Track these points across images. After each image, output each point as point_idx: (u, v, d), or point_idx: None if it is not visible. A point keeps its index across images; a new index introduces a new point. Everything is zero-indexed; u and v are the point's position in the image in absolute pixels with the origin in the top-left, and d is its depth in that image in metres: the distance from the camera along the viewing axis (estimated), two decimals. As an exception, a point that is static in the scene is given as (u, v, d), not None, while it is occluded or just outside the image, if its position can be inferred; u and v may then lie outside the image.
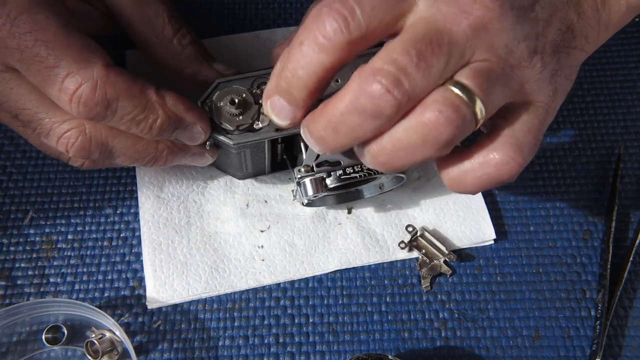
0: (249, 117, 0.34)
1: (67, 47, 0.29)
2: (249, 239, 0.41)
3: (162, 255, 0.40)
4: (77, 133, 0.31)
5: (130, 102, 0.30)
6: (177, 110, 0.32)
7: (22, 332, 0.38)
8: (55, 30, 0.29)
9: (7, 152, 0.44)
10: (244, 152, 0.36)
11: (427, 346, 0.39)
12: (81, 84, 0.29)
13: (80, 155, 0.32)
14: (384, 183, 0.40)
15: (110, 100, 0.30)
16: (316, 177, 0.35)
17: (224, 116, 0.34)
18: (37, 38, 0.29)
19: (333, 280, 0.41)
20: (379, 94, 0.25)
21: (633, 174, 0.45)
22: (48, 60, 0.29)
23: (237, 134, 0.34)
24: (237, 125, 0.33)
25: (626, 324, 0.40)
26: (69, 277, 0.40)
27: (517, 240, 0.42)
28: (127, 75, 0.31)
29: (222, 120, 0.33)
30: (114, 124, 0.31)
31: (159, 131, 0.32)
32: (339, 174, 0.35)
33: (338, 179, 0.35)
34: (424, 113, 0.25)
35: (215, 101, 0.34)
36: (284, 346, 0.38)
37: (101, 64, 0.30)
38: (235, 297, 0.40)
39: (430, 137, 0.25)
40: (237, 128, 0.33)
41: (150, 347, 0.38)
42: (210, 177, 0.43)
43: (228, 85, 0.34)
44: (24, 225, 0.42)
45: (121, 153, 0.34)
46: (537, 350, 0.39)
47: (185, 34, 0.38)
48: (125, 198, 0.43)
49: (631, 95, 0.48)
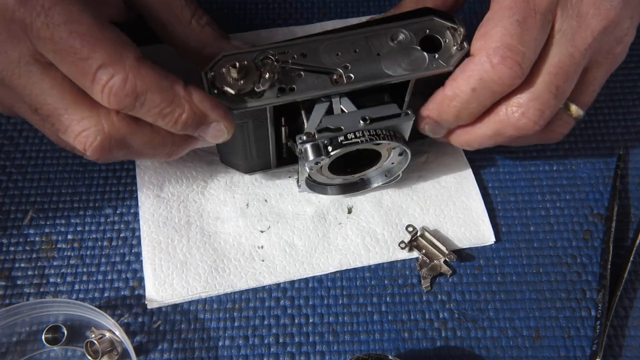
0: (251, 81, 0.34)
1: (101, 40, 0.30)
2: (249, 239, 0.41)
3: (162, 254, 0.40)
4: (96, 132, 0.32)
5: (158, 95, 0.31)
6: (203, 107, 0.33)
7: (22, 332, 0.38)
8: (90, 23, 0.30)
9: (7, 152, 0.44)
10: (246, 124, 0.36)
11: (427, 346, 0.39)
12: (113, 76, 0.30)
13: (98, 154, 0.33)
14: (389, 169, 0.40)
15: (139, 92, 0.30)
16: (317, 142, 0.35)
17: (227, 81, 0.34)
18: (71, 30, 0.29)
19: (333, 281, 0.41)
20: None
21: (633, 174, 0.45)
22: (82, 52, 0.29)
23: (239, 100, 0.34)
24: (238, 90, 0.33)
25: (626, 324, 0.40)
26: (68, 277, 0.40)
27: (517, 240, 0.42)
28: (157, 69, 0.31)
29: (224, 85, 0.33)
30: (141, 115, 0.32)
31: (183, 125, 0.33)
32: (340, 140, 0.35)
33: (340, 144, 0.35)
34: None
35: (217, 69, 0.34)
36: (284, 346, 0.38)
37: (133, 57, 0.30)
38: (235, 297, 0.40)
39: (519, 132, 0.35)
40: (239, 92, 0.33)
41: (150, 347, 0.38)
42: (210, 176, 0.43)
43: (232, 56, 0.34)
44: (23, 225, 0.42)
45: (139, 149, 0.34)
46: (537, 351, 0.39)
47: (202, 15, 0.39)
48: (125, 198, 0.43)
49: (631, 95, 0.48)
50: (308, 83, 0.35)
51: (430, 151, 0.45)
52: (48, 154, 0.44)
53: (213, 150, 0.44)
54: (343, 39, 0.36)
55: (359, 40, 0.36)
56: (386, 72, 0.35)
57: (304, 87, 0.34)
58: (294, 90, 0.34)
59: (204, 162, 0.44)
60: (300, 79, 0.35)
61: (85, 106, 0.31)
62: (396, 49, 0.35)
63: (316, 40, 0.36)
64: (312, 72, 0.35)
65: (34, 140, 0.45)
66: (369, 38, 0.36)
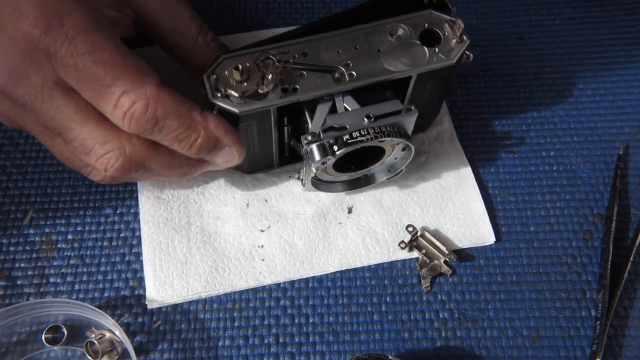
0: (254, 83, 0.34)
1: (123, 68, 0.31)
2: (249, 238, 0.41)
3: (162, 255, 0.40)
4: (118, 154, 0.33)
5: (177, 120, 0.32)
6: (217, 132, 0.34)
7: (22, 332, 0.38)
8: (112, 50, 0.31)
9: (7, 152, 0.44)
10: (250, 127, 0.36)
11: (427, 346, 0.39)
12: (135, 102, 0.31)
13: (118, 174, 0.34)
14: (392, 164, 0.40)
15: (159, 118, 0.32)
16: (323, 142, 0.35)
17: (230, 84, 0.34)
18: (95, 59, 0.30)
19: (333, 281, 0.41)
20: None
21: (633, 174, 0.45)
22: (105, 80, 0.30)
23: (243, 103, 0.34)
24: (242, 92, 0.33)
25: (626, 324, 0.40)
26: (68, 277, 0.40)
27: (517, 240, 0.42)
28: (176, 96, 0.32)
29: (227, 88, 0.33)
30: (159, 139, 0.33)
31: (198, 150, 0.34)
32: (345, 139, 0.35)
33: (345, 143, 0.35)
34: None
35: (219, 72, 0.34)
36: (284, 346, 0.38)
37: (153, 83, 0.31)
38: (235, 297, 0.40)
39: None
40: (243, 95, 0.33)
41: (150, 347, 0.38)
42: (210, 176, 0.43)
43: (232, 59, 0.35)
44: (23, 225, 0.42)
45: (156, 170, 0.35)
46: (537, 351, 0.39)
47: (207, 31, 0.40)
48: (125, 198, 0.43)
49: (631, 95, 0.48)
50: (311, 82, 0.35)
51: (430, 151, 0.45)
52: (48, 154, 0.44)
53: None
54: (343, 35, 0.36)
55: (359, 37, 0.36)
56: (388, 68, 0.35)
57: (307, 87, 0.35)
58: (297, 90, 0.34)
59: (204, 162, 0.44)
60: (302, 79, 0.35)
61: (107, 130, 0.32)
62: (396, 44, 0.36)
63: (316, 38, 0.36)
64: (314, 71, 0.35)
65: (34, 140, 0.45)
66: (368, 34, 0.36)
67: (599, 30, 0.51)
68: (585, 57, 0.50)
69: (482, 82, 0.49)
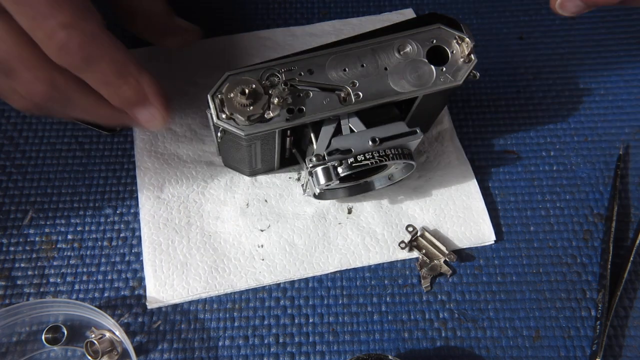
0: (260, 107, 0.33)
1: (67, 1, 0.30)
2: (249, 238, 0.41)
3: (162, 255, 0.40)
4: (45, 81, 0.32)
5: (110, 65, 0.32)
6: (148, 90, 0.34)
7: (22, 332, 0.38)
8: None
9: (7, 152, 0.44)
10: (254, 144, 0.36)
11: (427, 346, 0.39)
12: (72, 37, 0.30)
13: (42, 102, 0.33)
14: (393, 173, 0.40)
15: (93, 57, 0.31)
16: (328, 165, 0.35)
17: (235, 107, 0.33)
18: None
19: (333, 281, 0.41)
20: None
21: (633, 174, 0.45)
22: (46, 7, 0.29)
23: (248, 125, 0.34)
24: (248, 116, 0.33)
25: (626, 324, 0.40)
26: (68, 277, 0.40)
27: (517, 240, 0.42)
28: (118, 43, 0.32)
29: (233, 112, 0.33)
30: (87, 79, 0.32)
31: (123, 101, 0.34)
32: (350, 162, 0.35)
33: (349, 166, 0.35)
34: None
35: (225, 93, 0.34)
36: (284, 346, 0.38)
37: (95, 22, 0.31)
38: (235, 297, 0.40)
39: None
40: (249, 119, 0.33)
41: (150, 347, 0.38)
42: (210, 176, 0.43)
43: (237, 77, 0.34)
44: (23, 225, 0.42)
45: (80, 108, 0.35)
46: (537, 351, 0.39)
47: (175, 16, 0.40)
48: (125, 198, 0.43)
49: (631, 95, 0.48)
50: (316, 103, 0.34)
51: (430, 151, 0.45)
52: (48, 154, 0.44)
53: (213, 150, 0.44)
54: (349, 52, 0.35)
55: (366, 53, 0.35)
56: (394, 88, 0.35)
57: (312, 108, 0.34)
58: (303, 112, 0.34)
59: (204, 162, 0.44)
60: (308, 99, 0.34)
61: (37, 55, 0.31)
62: (403, 62, 0.35)
63: (322, 54, 0.35)
64: (320, 90, 0.35)
65: (34, 140, 0.45)
66: (375, 50, 0.35)
67: (599, 30, 0.51)
68: (585, 57, 0.50)
69: (482, 82, 0.49)
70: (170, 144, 0.44)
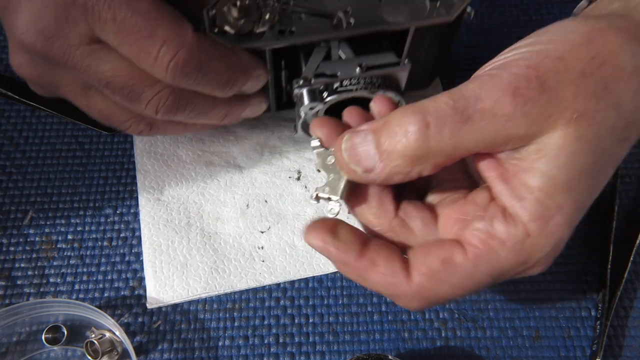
0: (250, 21, 0.34)
1: (162, 16, 0.30)
2: (249, 239, 0.41)
3: (162, 256, 0.40)
4: (168, 92, 0.33)
5: (219, 65, 0.32)
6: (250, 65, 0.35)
7: (22, 332, 0.38)
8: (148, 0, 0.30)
9: (7, 152, 0.44)
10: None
11: (427, 346, 0.39)
12: (178, 50, 0.30)
13: (170, 113, 0.34)
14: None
15: (203, 63, 0.31)
16: (314, 87, 0.35)
17: (228, 21, 0.34)
18: (134, 9, 0.29)
19: (333, 281, 0.41)
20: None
21: (633, 174, 0.45)
22: (145, 30, 0.29)
23: (237, 37, 0.34)
24: (238, 30, 0.34)
25: (626, 324, 0.40)
26: (68, 277, 0.40)
27: (517, 240, 0.42)
28: (211, 40, 0.32)
29: (225, 25, 0.34)
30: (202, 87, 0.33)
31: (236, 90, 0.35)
32: (335, 86, 0.35)
33: (334, 91, 0.35)
34: None
35: (219, 7, 0.34)
36: (284, 346, 0.38)
37: (190, 30, 0.31)
38: (235, 297, 0.40)
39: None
40: (238, 32, 0.34)
41: (150, 347, 0.38)
42: (210, 176, 0.43)
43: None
44: (23, 225, 0.42)
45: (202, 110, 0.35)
46: (537, 350, 0.39)
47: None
48: (125, 198, 0.43)
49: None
50: (308, 26, 0.35)
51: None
52: (48, 154, 0.44)
53: (212, 150, 0.44)
54: None
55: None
56: (386, 18, 0.35)
57: (303, 31, 0.34)
58: (294, 33, 0.34)
59: (203, 163, 0.44)
60: (300, 22, 0.35)
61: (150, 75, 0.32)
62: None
63: None
64: (312, 14, 0.35)
65: (34, 140, 0.45)
66: None
67: (599, 30, 0.51)
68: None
69: (482, 82, 0.49)
70: (169, 144, 0.44)
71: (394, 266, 0.27)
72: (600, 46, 0.25)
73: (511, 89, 0.25)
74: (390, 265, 0.27)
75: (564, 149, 0.25)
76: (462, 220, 0.28)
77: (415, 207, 0.30)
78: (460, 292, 0.27)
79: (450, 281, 0.26)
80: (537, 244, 0.26)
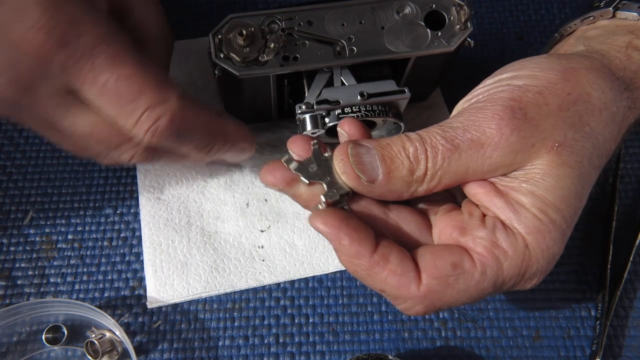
0: (255, 50, 0.34)
1: (146, 81, 0.28)
2: (249, 239, 0.41)
3: (163, 255, 0.40)
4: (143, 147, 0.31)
5: (199, 132, 0.32)
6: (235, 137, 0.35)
7: (22, 332, 0.38)
8: (133, 62, 0.28)
9: (7, 152, 0.44)
10: (251, 86, 0.37)
11: (427, 346, 0.39)
12: (159, 118, 0.29)
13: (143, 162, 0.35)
14: (382, 136, 0.41)
15: (182, 131, 0.31)
16: (316, 114, 0.36)
17: (233, 48, 0.34)
18: (119, 75, 0.28)
19: (333, 281, 0.41)
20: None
21: (633, 174, 0.45)
22: (129, 96, 0.28)
23: (244, 67, 0.35)
24: (243, 57, 0.34)
25: (626, 324, 0.40)
26: (69, 277, 0.40)
27: (517, 240, 0.42)
28: (197, 106, 0.32)
29: (230, 52, 0.34)
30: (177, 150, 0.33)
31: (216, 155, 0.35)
32: (337, 113, 0.36)
33: (336, 117, 0.36)
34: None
35: (225, 33, 0.35)
36: (284, 346, 0.38)
37: (175, 96, 0.30)
38: (235, 297, 0.40)
39: None
40: (244, 60, 0.34)
41: (150, 347, 0.38)
42: (210, 175, 0.43)
43: (239, 20, 0.35)
44: (24, 225, 0.42)
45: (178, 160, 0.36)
46: (537, 350, 0.39)
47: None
48: (125, 198, 0.43)
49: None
50: (312, 53, 0.35)
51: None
52: (48, 154, 0.44)
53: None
54: (350, 8, 0.36)
55: (366, 11, 0.36)
56: (388, 47, 0.36)
57: (307, 57, 0.35)
58: (298, 60, 0.35)
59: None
60: (304, 48, 0.35)
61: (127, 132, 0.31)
62: (400, 23, 0.36)
63: (324, 7, 0.36)
64: (316, 41, 0.36)
65: (34, 140, 0.45)
66: (375, 9, 0.36)
67: (599, 30, 0.51)
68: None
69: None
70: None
71: (406, 266, 0.27)
72: (574, 84, 0.28)
73: (496, 120, 0.27)
74: (402, 264, 0.27)
75: (550, 173, 0.27)
76: (460, 227, 0.28)
77: (408, 211, 0.30)
78: (465, 299, 0.27)
79: (457, 287, 0.27)
80: (534, 257, 0.27)
